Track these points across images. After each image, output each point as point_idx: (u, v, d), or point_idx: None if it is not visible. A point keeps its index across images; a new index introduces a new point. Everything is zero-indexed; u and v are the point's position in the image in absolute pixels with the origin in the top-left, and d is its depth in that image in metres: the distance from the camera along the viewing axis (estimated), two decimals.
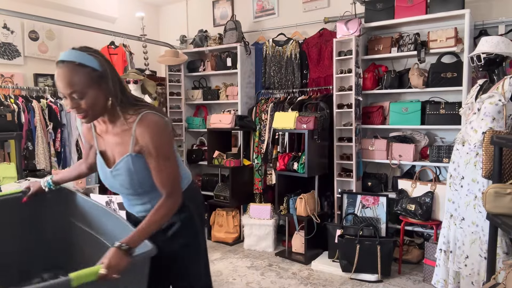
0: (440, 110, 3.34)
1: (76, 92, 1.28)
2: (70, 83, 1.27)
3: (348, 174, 3.71)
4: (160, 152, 1.37)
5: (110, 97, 1.34)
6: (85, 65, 1.29)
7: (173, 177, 1.41)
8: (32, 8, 4.04)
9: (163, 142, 1.37)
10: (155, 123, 1.37)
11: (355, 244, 3.12)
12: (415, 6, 3.41)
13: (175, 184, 1.41)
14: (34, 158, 3.48)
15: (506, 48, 2.39)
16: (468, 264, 2.42)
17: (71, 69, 1.27)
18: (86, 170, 1.78)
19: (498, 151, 1.97)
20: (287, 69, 4.24)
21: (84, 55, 1.30)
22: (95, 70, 1.31)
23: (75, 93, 1.28)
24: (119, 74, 1.42)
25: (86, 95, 1.29)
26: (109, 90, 1.34)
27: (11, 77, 4.01)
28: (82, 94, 1.29)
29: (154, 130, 1.36)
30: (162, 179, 1.39)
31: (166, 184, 1.39)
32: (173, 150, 1.42)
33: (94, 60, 1.31)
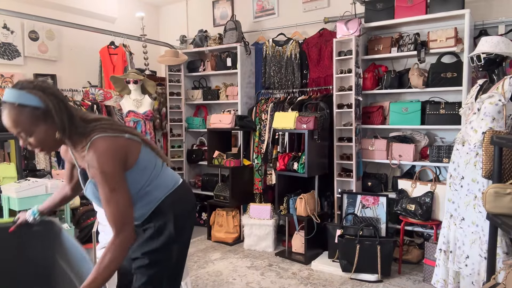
0: (440, 110, 3.34)
1: (22, 132, 1.28)
2: (15, 124, 1.26)
3: (348, 174, 3.71)
4: (106, 182, 1.30)
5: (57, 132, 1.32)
6: (26, 105, 1.26)
7: (121, 210, 1.32)
8: (32, 8, 4.05)
9: (109, 171, 1.30)
10: (102, 151, 1.31)
11: (355, 244, 3.12)
12: (415, 6, 3.41)
13: (124, 218, 1.33)
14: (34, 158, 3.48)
15: (506, 48, 2.39)
16: (468, 264, 2.42)
17: (13, 110, 1.26)
18: (70, 192, 1.72)
19: (498, 151, 1.97)
20: (287, 69, 4.24)
21: (23, 94, 1.26)
22: (37, 108, 1.27)
23: (22, 133, 1.28)
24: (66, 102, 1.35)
25: (33, 133, 1.29)
26: (56, 124, 1.30)
27: (11, 77, 4.01)
28: (29, 133, 1.28)
29: (100, 158, 1.30)
30: (109, 212, 1.32)
31: (113, 219, 1.32)
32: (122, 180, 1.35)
33: (35, 97, 1.27)
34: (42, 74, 4.29)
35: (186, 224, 1.61)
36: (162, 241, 1.52)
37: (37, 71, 4.27)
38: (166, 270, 1.56)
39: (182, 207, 1.60)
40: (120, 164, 1.35)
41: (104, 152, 1.31)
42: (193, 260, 3.63)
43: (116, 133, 1.38)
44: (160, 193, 1.53)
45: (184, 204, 1.62)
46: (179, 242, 1.58)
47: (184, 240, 1.62)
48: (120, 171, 1.35)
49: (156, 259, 1.52)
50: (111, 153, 1.32)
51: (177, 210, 1.56)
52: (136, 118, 3.89)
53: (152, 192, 1.51)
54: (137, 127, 3.89)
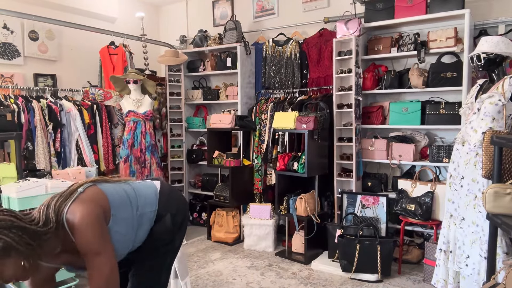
0: (440, 110, 3.34)
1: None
2: None
3: (348, 174, 3.71)
4: (89, 249, 1.30)
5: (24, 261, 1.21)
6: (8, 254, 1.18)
7: (106, 276, 1.31)
8: (32, 8, 4.05)
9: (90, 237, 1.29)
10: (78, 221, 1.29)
11: (355, 244, 3.12)
12: (415, 6, 3.41)
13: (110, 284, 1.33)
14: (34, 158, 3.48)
15: (506, 48, 2.39)
16: (469, 264, 2.42)
17: None
18: None
19: (498, 151, 1.97)
20: (287, 69, 4.24)
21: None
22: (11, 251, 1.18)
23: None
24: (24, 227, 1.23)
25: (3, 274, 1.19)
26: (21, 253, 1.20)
27: (11, 77, 4.01)
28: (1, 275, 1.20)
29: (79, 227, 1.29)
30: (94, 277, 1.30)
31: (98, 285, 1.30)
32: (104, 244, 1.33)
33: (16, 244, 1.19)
34: (42, 74, 4.29)
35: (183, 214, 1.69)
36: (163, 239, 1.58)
37: (37, 71, 4.27)
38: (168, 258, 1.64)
39: (174, 203, 1.66)
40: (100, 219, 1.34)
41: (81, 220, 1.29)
42: (193, 260, 3.63)
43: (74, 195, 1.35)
44: (152, 206, 1.57)
45: (174, 200, 1.68)
46: (180, 233, 1.66)
47: (184, 228, 1.70)
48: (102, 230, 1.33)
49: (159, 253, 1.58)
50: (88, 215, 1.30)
51: (172, 208, 1.62)
52: (136, 118, 3.89)
53: (145, 211, 1.54)
54: (137, 127, 3.88)
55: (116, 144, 4.21)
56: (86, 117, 3.89)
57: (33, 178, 2.89)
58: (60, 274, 2.87)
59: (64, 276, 2.92)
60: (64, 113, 3.76)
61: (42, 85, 4.08)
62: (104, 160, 4.04)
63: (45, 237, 1.26)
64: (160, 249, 1.59)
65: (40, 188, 2.77)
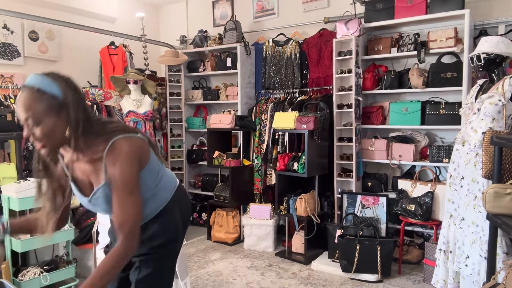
0: (440, 110, 3.34)
1: (30, 118, 1.20)
2: (27, 108, 1.20)
3: (348, 174, 3.71)
4: (125, 185, 1.28)
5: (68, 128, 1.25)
6: (45, 91, 1.22)
7: (134, 215, 1.29)
8: (32, 8, 4.05)
9: (130, 174, 1.29)
10: (125, 153, 1.28)
11: (355, 244, 3.12)
12: (415, 6, 3.41)
13: (134, 225, 1.29)
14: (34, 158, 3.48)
15: (506, 48, 2.39)
16: (469, 264, 2.42)
17: (30, 94, 1.21)
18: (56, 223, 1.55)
19: (498, 151, 1.97)
20: (287, 69, 4.24)
21: (46, 80, 1.23)
22: (55, 98, 1.22)
23: (30, 119, 1.20)
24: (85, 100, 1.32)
25: (41, 123, 1.21)
26: (69, 120, 1.24)
27: (11, 77, 4.01)
28: (38, 121, 1.21)
29: (124, 160, 1.28)
30: (121, 215, 1.28)
31: (124, 223, 1.27)
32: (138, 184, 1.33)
33: (56, 87, 1.23)
34: None
35: (188, 217, 1.71)
36: (168, 236, 1.54)
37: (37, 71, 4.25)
38: (170, 261, 1.60)
39: (184, 202, 1.67)
40: (138, 166, 1.34)
41: (127, 154, 1.29)
42: (193, 260, 3.63)
43: (132, 133, 1.35)
44: (167, 193, 1.55)
45: (185, 200, 1.69)
46: (183, 234, 1.65)
47: (185, 230, 1.69)
48: (138, 174, 1.33)
49: (164, 253, 1.55)
50: (133, 155, 1.31)
51: (182, 207, 1.62)
52: (136, 118, 3.89)
53: (159, 193, 1.52)
54: (137, 127, 3.88)
55: None
56: None
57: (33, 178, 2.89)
58: (61, 274, 2.87)
59: (64, 276, 2.92)
60: None
61: None
62: None
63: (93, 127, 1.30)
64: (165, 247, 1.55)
65: None
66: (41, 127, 1.21)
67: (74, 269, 2.99)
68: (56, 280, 2.85)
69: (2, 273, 2.66)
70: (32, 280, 2.72)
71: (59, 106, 1.23)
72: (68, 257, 3.04)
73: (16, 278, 2.71)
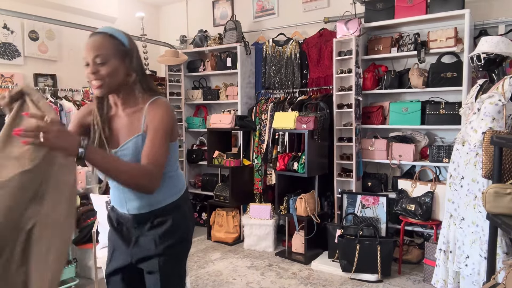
0: (440, 110, 3.34)
1: (99, 57, 1.32)
2: (97, 48, 1.33)
3: (348, 174, 3.71)
4: (164, 131, 1.37)
5: (132, 73, 1.39)
6: (115, 37, 1.37)
7: (164, 158, 1.37)
8: (32, 8, 4.04)
9: (167, 122, 1.39)
10: (166, 106, 1.42)
11: (355, 244, 3.12)
12: (415, 6, 3.41)
13: (162, 166, 1.36)
14: None
15: (506, 48, 2.39)
16: (469, 264, 2.42)
17: (101, 38, 1.35)
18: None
19: (498, 151, 1.97)
20: (287, 69, 4.24)
21: (116, 30, 1.40)
22: (123, 45, 1.38)
23: (99, 57, 1.32)
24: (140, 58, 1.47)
25: (108, 62, 1.33)
26: (132, 67, 1.39)
27: (11, 77, 4.01)
28: (105, 60, 1.33)
29: (163, 110, 1.40)
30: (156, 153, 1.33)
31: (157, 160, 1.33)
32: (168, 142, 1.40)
33: (125, 37, 1.40)
34: (42, 74, 4.28)
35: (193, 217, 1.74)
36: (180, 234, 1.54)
37: (37, 71, 4.27)
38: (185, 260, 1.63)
39: (189, 202, 1.69)
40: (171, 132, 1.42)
41: (168, 108, 1.42)
42: (193, 260, 3.63)
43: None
44: (181, 184, 1.58)
45: (189, 200, 1.71)
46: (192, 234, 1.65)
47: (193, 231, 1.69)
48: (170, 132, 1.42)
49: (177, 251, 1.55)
50: (172, 116, 1.43)
51: (189, 206, 1.64)
52: None
53: (179, 178, 1.57)
54: None
55: None
56: None
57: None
58: None
59: (64, 276, 2.92)
60: (64, 113, 3.76)
61: (42, 85, 4.08)
62: None
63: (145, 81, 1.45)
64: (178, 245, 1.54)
65: None
66: (107, 66, 1.33)
67: (74, 269, 2.99)
68: None
69: None
70: None
71: (125, 52, 1.38)
72: (68, 257, 3.04)
73: None
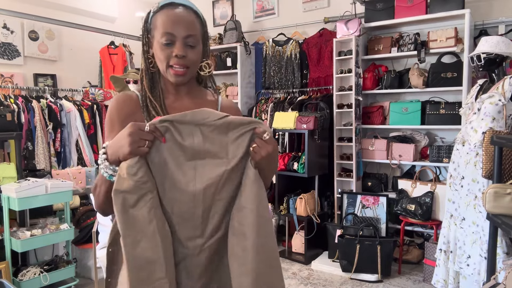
0: (440, 110, 3.34)
1: (192, 38, 1.10)
2: (190, 26, 1.09)
3: (348, 174, 3.70)
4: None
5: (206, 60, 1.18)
6: (200, 16, 1.14)
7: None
8: (32, 8, 4.04)
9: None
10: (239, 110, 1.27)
11: (355, 244, 3.12)
12: (415, 6, 3.41)
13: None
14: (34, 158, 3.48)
15: (506, 48, 2.39)
16: (470, 264, 2.42)
17: (192, 15, 1.12)
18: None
19: (498, 151, 1.97)
20: (287, 69, 4.24)
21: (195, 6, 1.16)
22: (205, 28, 1.16)
23: (191, 38, 1.09)
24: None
25: (197, 46, 1.12)
26: (205, 54, 1.18)
27: (11, 77, 4.01)
28: (196, 43, 1.11)
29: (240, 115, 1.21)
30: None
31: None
32: None
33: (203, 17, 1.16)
34: (42, 74, 4.28)
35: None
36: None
37: (37, 71, 4.27)
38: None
39: None
40: None
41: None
42: None
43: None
44: None
45: None
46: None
47: None
48: None
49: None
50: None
51: None
52: None
53: None
54: None
55: None
56: (86, 117, 3.89)
57: (33, 178, 2.89)
58: (60, 274, 2.87)
59: (64, 276, 2.92)
60: (64, 113, 3.76)
61: (42, 85, 4.08)
62: None
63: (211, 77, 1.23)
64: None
65: (40, 188, 2.77)
66: (196, 50, 1.12)
67: (74, 269, 2.99)
68: (56, 280, 2.85)
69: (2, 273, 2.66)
70: (32, 280, 2.72)
71: (205, 36, 1.16)
72: (68, 257, 3.04)
73: (16, 278, 2.71)
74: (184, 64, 1.10)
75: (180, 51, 1.07)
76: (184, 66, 1.10)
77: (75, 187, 3.30)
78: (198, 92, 1.22)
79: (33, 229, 2.83)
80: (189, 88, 1.19)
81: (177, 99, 1.18)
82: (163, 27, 1.08)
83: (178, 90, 1.19)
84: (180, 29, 1.07)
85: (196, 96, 1.20)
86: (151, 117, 1.10)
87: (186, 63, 1.10)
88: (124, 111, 1.14)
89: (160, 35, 1.09)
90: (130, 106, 1.15)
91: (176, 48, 1.08)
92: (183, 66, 1.09)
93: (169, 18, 1.08)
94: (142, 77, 1.20)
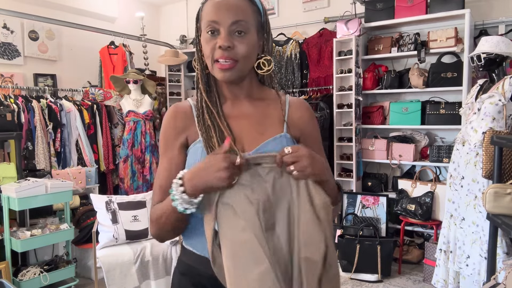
0: (440, 110, 3.34)
1: (239, 24, 0.92)
2: (236, 10, 0.92)
3: (348, 174, 3.70)
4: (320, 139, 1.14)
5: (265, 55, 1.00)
6: (256, 4, 0.97)
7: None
8: (32, 8, 4.04)
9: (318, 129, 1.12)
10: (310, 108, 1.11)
11: (355, 244, 3.12)
12: (415, 6, 3.41)
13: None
14: (34, 158, 3.48)
15: (506, 48, 2.39)
16: (469, 264, 2.42)
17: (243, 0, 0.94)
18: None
19: (498, 151, 1.97)
20: (287, 69, 4.24)
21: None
22: (260, 14, 0.98)
23: (239, 25, 0.92)
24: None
25: (248, 34, 0.93)
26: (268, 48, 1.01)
27: (11, 77, 4.01)
28: (246, 30, 0.93)
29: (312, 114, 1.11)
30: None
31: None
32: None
33: (261, 5, 0.99)
34: (42, 74, 4.28)
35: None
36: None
37: (37, 71, 4.27)
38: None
39: None
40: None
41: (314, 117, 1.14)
42: None
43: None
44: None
45: None
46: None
47: None
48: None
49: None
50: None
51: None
52: (136, 118, 3.89)
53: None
54: (137, 127, 3.88)
55: (116, 144, 4.21)
56: (86, 117, 3.89)
57: (33, 178, 2.89)
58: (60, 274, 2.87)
59: (64, 276, 2.92)
60: (64, 113, 3.76)
61: (42, 85, 4.08)
62: (104, 160, 4.04)
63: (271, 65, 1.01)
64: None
65: (40, 188, 2.77)
66: (246, 39, 0.93)
67: (74, 269, 2.99)
68: (56, 280, 2.85)
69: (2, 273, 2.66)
70: (32, 280, 2.72)
71: (261, 24, 0.99)
72: (68, 257, 3.04)
73: (16, 278, 2.71)
74: (230, 57, 0.92)
75: (224, 41, 0.91)
76: (230, 59, 0.92)
77: (75, 187, 3.30)
78: (259, 93, 1.05)
79: (33, 229, 2.83)
80: (248, 89, 1.03)
81: (235, 104, 1.03)
82: (207, 16, 0.93)
83: (235, 93, 1.02)
84: (224, 15, 0.91)
85: (258, 98, 1.04)
86: (206, 128, 0.97)
87: (233, 56, 0.92)
88: (178, 127, 1.01)
89: (204, 26, 0.95)
90: (183, 120, 1.02)
91: (220, 38, 0.92)
92: (229, 58, 0.92)
93: (214, 5, 0.93)
94: (197, 80, 1.06)
